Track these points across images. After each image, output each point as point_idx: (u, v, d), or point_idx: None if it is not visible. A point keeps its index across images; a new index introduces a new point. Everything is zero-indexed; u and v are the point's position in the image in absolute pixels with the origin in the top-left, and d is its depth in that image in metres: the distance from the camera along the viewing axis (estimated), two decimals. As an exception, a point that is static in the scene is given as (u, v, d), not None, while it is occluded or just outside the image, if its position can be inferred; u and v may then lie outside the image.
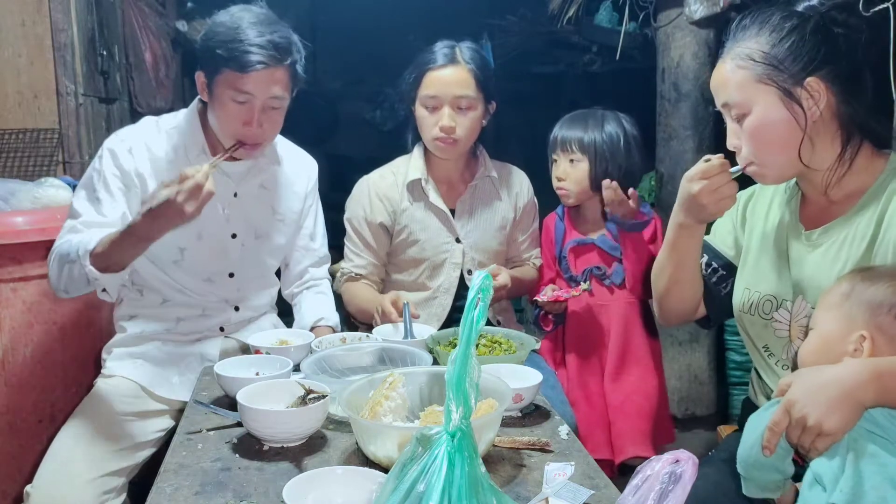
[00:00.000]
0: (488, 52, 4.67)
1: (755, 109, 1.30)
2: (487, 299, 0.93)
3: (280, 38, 1.67)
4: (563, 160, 2.10)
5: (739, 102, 1.31)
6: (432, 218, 2.06)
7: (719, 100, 1.36)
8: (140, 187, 1.75)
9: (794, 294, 1.39)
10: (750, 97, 1.30)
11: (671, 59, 3.14)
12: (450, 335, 1.75)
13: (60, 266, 1.62)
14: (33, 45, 2.65)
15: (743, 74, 1.30)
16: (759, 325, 1.45)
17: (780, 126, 1.29)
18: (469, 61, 1.97)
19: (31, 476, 1.63)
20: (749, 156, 1.34)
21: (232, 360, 1.59)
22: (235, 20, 1.67)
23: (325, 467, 1.17)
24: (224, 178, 1.83)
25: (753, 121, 1.30)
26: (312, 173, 2.03)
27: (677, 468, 0.98)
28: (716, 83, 1.37)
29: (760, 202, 1.53)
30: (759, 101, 1.29)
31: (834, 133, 1.31)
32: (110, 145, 1.76)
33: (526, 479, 1.19)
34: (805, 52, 1.27)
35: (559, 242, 2.20)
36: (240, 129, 1.71)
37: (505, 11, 4.63)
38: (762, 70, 1.28)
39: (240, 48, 1.63)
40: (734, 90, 1.31)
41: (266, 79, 1.66)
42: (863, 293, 1.18)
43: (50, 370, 2.01)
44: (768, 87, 1.28)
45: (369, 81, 6.06)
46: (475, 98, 1.97)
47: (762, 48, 1.29)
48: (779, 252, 1.43)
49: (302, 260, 2.04)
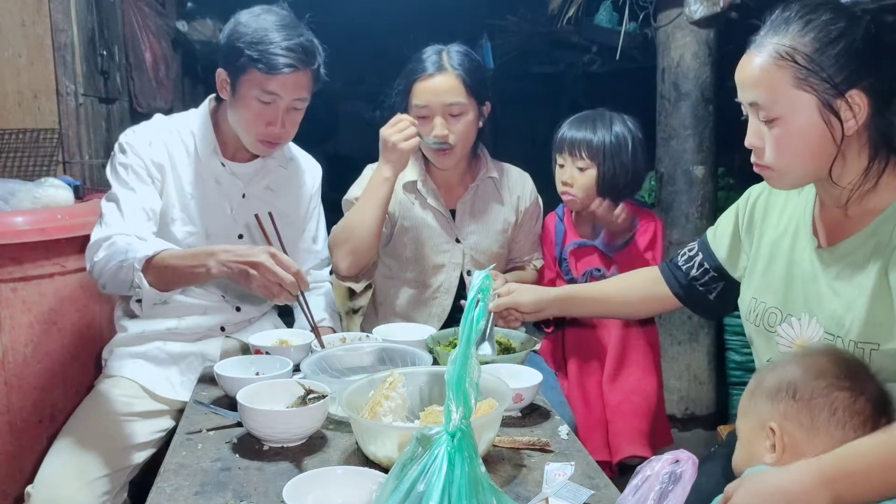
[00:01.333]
0: (488, 52, 4.68)
1: (788, 117, 1.19)
2: (487, 299, 0.93)
3: (307, 41, 1.72)
4: (571, 165, 2.06)
5: (771, 105, 1.20)
6: (432, 218, 2.06)
7: (746, 96, 1.24)
8: (161, 179, 1.77)
9: (801, 310, 1.30)
10: (784, 102, 1.19)
11: (671, 59, 3.14)
12: (450, 335, 1.75)
13: (109, 261, 1.62)
14: (33, 45, 2.65)
15: (781, 75, 1.18)
16: (763, 338, 1.38)
17: (813, 137, 1.19)
18: (457, 66, 1.93)
19: (31, 476, 1.63)
20: (770, 161, 1.24)
21: (232, 360, 1.59)
22: (262, 22, 1.70)
23: (325, 467, 1.17)
24: (233, 178, 1.85)
25: (785, 130, 1.20)
26: (317, 176, 2.06)
27: (677, 468, 0.98)
28: (745, 77, 1.24)
29: (774, 204, 1.43)
30: (793, 108, 1.18)
31: (861, 147, 1.22)
32: (128, 139, 1.77)
33: (526, 479, 1.19)
34: (852, 61, 1.16)
35: (559, 244, 2.19)
36: (263, 129, 1.74)
37: (505, 11, 4.63)
38: (804, 74, 1.17)
39: (270, 50, 1.66)
40: (767, 91, 1.20)
41: (293, 81, 1.70)
42: (762, 384, 1.12)
43: (50, 370, 2.01)
44: (807, 95, 1.17)
45: (369, 81, 6.06)
46: (466, 104, 1.93)
47: (806, 49, 1.17)
48: (788, 263, 1.35)
49: (304, 262, 2.04)
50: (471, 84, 1.93)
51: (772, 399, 1.09)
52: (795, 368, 1.11)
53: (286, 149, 1.97)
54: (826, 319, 1.25)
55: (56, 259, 2.01)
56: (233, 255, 1.51)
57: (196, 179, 1.82)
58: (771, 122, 1.21)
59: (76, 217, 2.02)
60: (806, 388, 1.07)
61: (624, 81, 4.27)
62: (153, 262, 1.57)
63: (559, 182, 2.11)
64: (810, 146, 1.20)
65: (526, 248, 2.17)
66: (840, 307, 1.23)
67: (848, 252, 1.25)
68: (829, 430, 1.06)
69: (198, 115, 1.85)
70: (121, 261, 1.59)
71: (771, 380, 1.11)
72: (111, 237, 1.65)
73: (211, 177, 1.83)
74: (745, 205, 1.49)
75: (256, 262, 1.47)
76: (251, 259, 1.48)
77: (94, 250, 1.66)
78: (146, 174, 1.75)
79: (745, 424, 1.14)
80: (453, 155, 1.98)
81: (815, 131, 1.19)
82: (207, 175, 1.83)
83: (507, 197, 2.12)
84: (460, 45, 2.00)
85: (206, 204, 1.83)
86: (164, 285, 1.60)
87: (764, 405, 1.10)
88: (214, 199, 1.84)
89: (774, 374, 1.12)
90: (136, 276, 1.57)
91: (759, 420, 1.10)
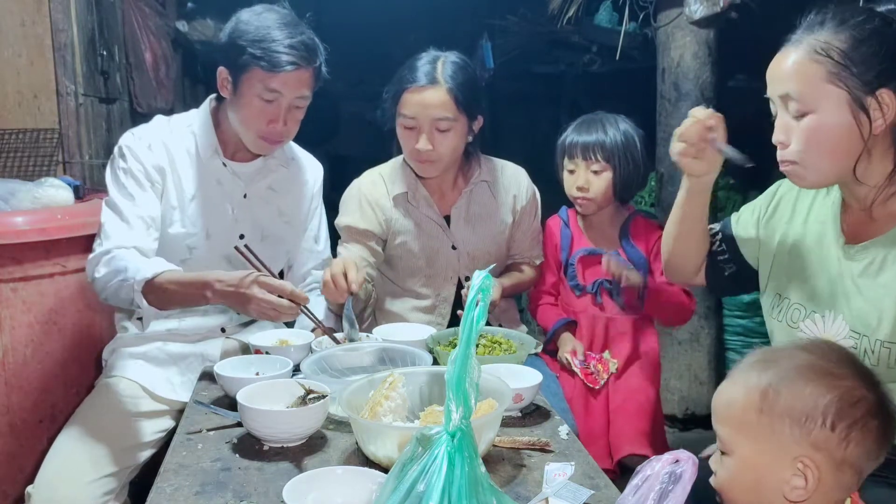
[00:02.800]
0: (488, 52, 4.68)
1: (819, 109, 1.22)
2: (487, 299, 0.93)
3: (308, 39, 1.72)
4: (585, 170, 2.05)
5: (803, 97, 1.23)
6: (426, 227, 2.02)
7: (778, 89, 1.27)
8: (161, 182, 1.77)
9: (827, 307, 1.32)
10: (816, 95, 1.22)
11: (671, 59, 3.14)
12: (450, 335, 1.75)
13: (111, 277, 1.63)
14: (33, 45, 2.65)
15: (815, 69, 1.22)
16: (785, 333, 1.39)
17: (842, 132, 1.22)
18: (449, 80, 1.85)
19: (32, 476, 1.63)
20: (796, 155, 1.26)
21: (232, 360, 1.59)
22: (264, 20, 1.70)
23: (325, 467, 1.17)
24: (234, 178, 1.85)
25: (815, 121, 1.23)
26: (318, 176, 2.05)
27: (677, 468, 0.97)
28: (778, 72, 1.27)
29: (802, 200, 1.45)
30: (824, 102, 1.22)
31: (887, 148, 1.25)
32: (128, 143, 1.77)
33: (526, 479, 1.19)
34: (884, 60, 1.20)
35: (566, 249, 2.16)
36: (264, 127, 1.74)
37: (505, 11, 4.62)
38: (837, 69, 1.20)
39: (272, 48, 1.66)
40: (800, 83, 1.23)
41: (295, 79, 1.70)
42: (777, 402, 0.94)
43: (50, 370, 2.01)
44: (838, 90, 1.21)
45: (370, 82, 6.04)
46: (454, 119, 1.87)
47: (841, 46, 1.21)
48: (816, 259, 1.36)
49: (306, 262, 2.04)
50: (462, 100, 1.87)
51: (800, 426, 0.92)
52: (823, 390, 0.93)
53: (287, 148, 1.97)
54: (852, 318, 1.27)
55: (56, 259, 2.01)
56: (225, 286, 1.52)
57: (197, 180, 1.82)
58: (801, 115, 1.23)
59: (76, 217, 2.02)
60: (844, 418, 0.92)
61: (624, 81, 4.27)
62: (153, 284, 1.58)
63: (572, 188, 2.08)
64: (838, 141, 1.23)
65: (526, 245, 2.14)
66: (866, 306, 1.25)
67: (874, 252, 1.27)
68: (859, 464, 0.94)
69: (198, 115, 1.85)
70: (121, 279, 1.60)
71: (792, 401, 0.94)
72: (111, 251, 1.66)
73: (212, 177, 1.83)
74: (771, 196, 1.51)
75: (247, 294, 1.49)
76: (242, 291, 1.49)
77: (95, 265, 1.67)
78: (146, 179, 1.75)
79: (751, 445, 0.96)
80: (435, 167, 1.94)
81: (843, 126, 1.21)
82: (208, 175, 1.83)
83: (503, 197, 2.08)
84: (458, 55, 1.94)
85: (207, 205, 1.83)
86: (163, 306, 1.62)
87: (787, 430, 0.93)
88: (216, 200, 1.84)
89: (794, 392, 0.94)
90: (136, 296, 1.58)
91: (779, 445, 0.93)
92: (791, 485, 0.93)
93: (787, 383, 0.95)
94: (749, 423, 0.96)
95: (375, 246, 2.01)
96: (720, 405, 1.01)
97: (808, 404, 0.93)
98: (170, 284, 1.58)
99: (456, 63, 1.91)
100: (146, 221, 1.73)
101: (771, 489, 0.95)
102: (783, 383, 0.95)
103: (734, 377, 1.02)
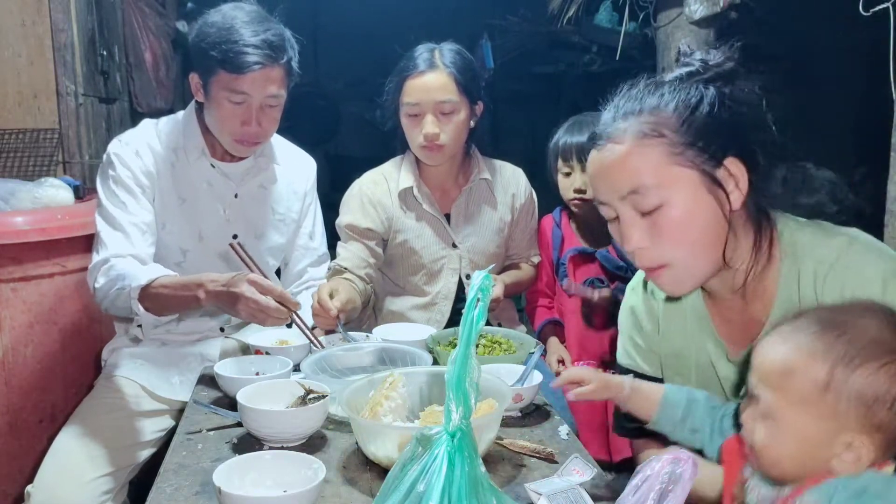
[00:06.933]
0: (488, 52, 4.68)
1: (673, 200, 1.06)
2: (487, 299, 0.93)
3: (274, 36, 1.67)
4: (581, 172, 2.05)
5: (654, 188, 1.06)
6: (427, 225, 2.03)
7: (618, 190, 1.09)
8: (151, 186, 1.76)
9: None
10: (665, 181, 1.06)
11: (671, 59, 3.13)
12: (450, 335, 1.74)
13: (110, 286, 1.63)
14: (33, 45, 2.65)
15: (653, 155, 1.06)
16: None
17: (706, 217, 1.07)
18: (449, 64, 1.90)
19: (31, 476, 1.63)
20: (663, 258, 1.09)
21: (232, 360, 1.59)
22: (227, 20, 1.66)
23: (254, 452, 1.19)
24: (224, 179, 1.84)
25: (675, 213, 1.06)
26: (311, 173, 2.03)
27: (677, 468, 0.97)
28: (609, 170, 1.09)
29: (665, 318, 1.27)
30: (676, 187, 1.06)
31: (745, 221, 1.12)
32: (116, 150, 1.76)
33: (526, 479, 1.19)
34: (718, 127, 1.06)
35: (557, 249, 2.17)
36: (238, 129, 1.71)
37: (505, 11, 4.62)
38: (678, 148, 1.06)
39: (234, 49, 1.62)
40: (647, 173, 1.06)
41: (262, 78, 1.66)
42: (847, 383, 0.88)
43: (50, 370, 2.01)
44: (686, 170, 1.06)
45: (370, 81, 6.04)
46: (457, 102, 1.90)
47: (671, 122, 1.07)
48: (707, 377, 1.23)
49: (301, 259, 2.04)
50: (463, 82, 1.91)
51: (867, 406, 0.87)
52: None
53: (278, 146, 1.95)
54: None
55: (56, 259, 2.01)
56: (217, 286, 1.51)
57: (187, 183, 1.81)
58: (653, 211, 1.07)
59: (76, 217, 2.03)
60: None
61: (624, 81, 4.26)
62: (148, 290, 1.57)
63: (568, 190, 2.08)
64: (705, 228, 1.08)
65: (523, 245, 2.16)
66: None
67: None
68: None
69: (184, 117, 1.84)
70: (119, 288, 1.60)
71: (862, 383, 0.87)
72: (108, 261, 1.65)
73: (201, 179, 1.82)
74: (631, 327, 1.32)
75: (236, 293, 1.47)
76: (232, 290, 1.48)
77: (95, 275, 1.67)
78: (136, 185, 1.74)
79: (809, 419, 0.89)
80: (442, 153, 1.95)
81: (705, 209, 1.07)
82: (198, 178, 1.82)
83: (502, 196, 2.09)
84: (453, 43, 1.98)
85: (198, 207, 1.82)
86: (160, 312, 1.61)
87: (852, 410, 0.87)
88: (206, 202, 1.83)
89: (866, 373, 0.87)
90: (133, 304, 1.57)
91: (840, 424, 0.88)
92: (842, 458, 0.88)
93: (860, 363, 0.88)
94: (810, 400, 0.89)
95: (376, 246, 2.01)
96: (771, 368, 0.93)
97: (882, 388, 0.87)
98: (164, 289, 1.57)
99: (453, 49, 1.96)
100: (140, 228, 1.71)
101: (819, 459, 0.89)
102: (855, 363, 0.88)
103: (788, 337, 0.92)
